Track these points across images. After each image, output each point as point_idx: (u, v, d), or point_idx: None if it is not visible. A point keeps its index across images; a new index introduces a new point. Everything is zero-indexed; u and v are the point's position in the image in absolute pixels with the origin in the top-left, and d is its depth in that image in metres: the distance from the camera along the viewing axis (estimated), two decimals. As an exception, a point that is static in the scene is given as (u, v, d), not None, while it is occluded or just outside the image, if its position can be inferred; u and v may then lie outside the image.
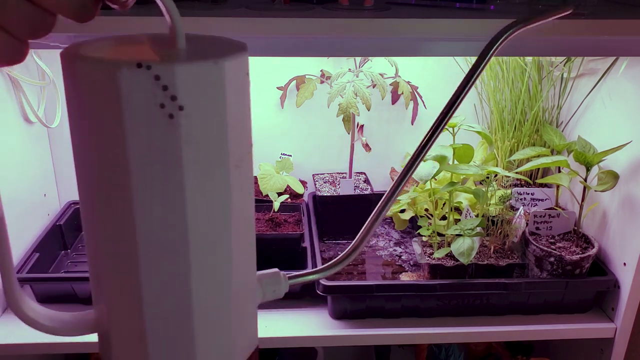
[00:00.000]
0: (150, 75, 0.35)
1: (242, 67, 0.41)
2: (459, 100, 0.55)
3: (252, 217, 0.47)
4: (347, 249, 0.61)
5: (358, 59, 1.26)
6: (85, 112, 0.37)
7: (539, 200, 1.25)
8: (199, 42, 0.42)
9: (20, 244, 1.17)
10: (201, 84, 0.37)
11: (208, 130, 0.39)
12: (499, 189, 1.14)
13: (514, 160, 1.26)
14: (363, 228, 0.59)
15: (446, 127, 1.18)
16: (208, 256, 0.42)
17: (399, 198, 1.21)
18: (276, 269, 0.58)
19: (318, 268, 0.60)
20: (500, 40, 0.55)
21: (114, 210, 0.39)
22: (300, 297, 1.14)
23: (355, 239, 0.58)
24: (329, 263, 0.60)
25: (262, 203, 1.25)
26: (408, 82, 1.28)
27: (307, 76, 1.29)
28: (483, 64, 0.54)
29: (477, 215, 1.11)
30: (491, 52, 0.54)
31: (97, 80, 0.36)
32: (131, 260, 0.39)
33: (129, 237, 0.39)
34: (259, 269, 1.00)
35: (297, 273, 0.58)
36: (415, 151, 0.57)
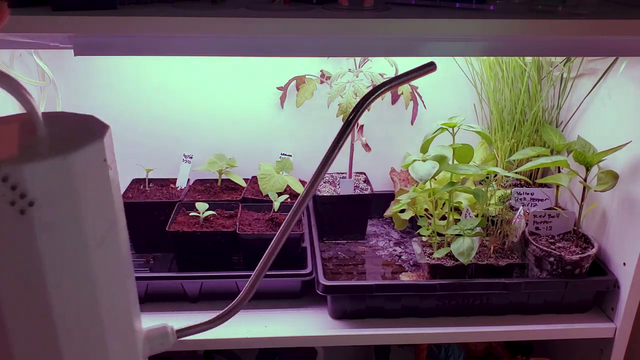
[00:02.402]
0: None
1: (98, 155, 0.42)
2: (333, 155, 0.58)
3: (127, 282, 0.49)
4: (240, 294, 0.63)
5: (358, 59, 1.26)
6: None
7: (539, 200, 1.25)
8: (60, 126, 0.43)
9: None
10: (50, 179, 0.38)
11: (62, 219, 0.40)
12: (498, 189, 1.14)
13: (514, 160, 1.26)
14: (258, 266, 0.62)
15: (446, 127, 1.18)
16: (78, 331, 0.44)
17: (399, 198, 1.21)
18: (164, 324, 0.60)
19: (209, 320, 0.63)
20: (368, 102, 0.57)
21: None
22: (300, 297, 1.14)
23: (250, 280, 0.61)
24: (221, 313, 0.63)
25: (262, 203, 1.25)
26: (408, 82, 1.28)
27: (307, 76, 1.29)
28: (352, 124, 0.57)
29: (476, 215, 1.11)
30: (359, 111, 0.57)
31: None
32: (2, 345, 0.41)
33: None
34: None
35: (187, 326, 0.62)
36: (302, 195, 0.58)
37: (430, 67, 0.57)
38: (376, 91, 0.55)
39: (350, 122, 0.55)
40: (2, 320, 0.40)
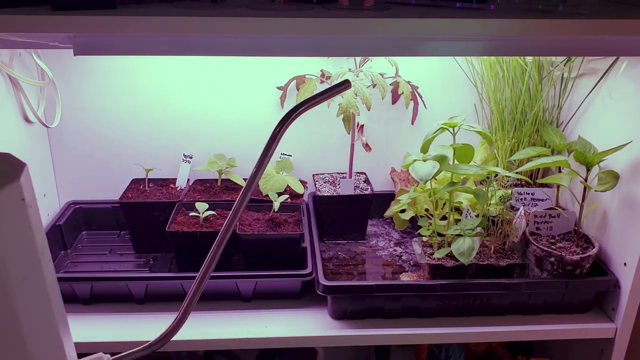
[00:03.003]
0: None
1: (15, 195, 0.41)
2: (263, 165, 0.59)
3: (55, 316, 0.48)
4: (172, 322, 0.63)
5: (358, 59, 1.26)
6: None
7: (539, 200, 1.25)
8: None
9: (20, 244, 1.17)
10: (8, 203, 0.38)
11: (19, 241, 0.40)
12: (499, 189, 1.14)
13: (514, 160, 1.26)
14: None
15: (447, 127, 1.18)
16: None
17: (399, 198, 1.21)
18: (100, 353, 0.60)
19: (145, 345, 0.62)
20: (292, 117, 0.59)
21: None
22: (301, 297, 1.14)
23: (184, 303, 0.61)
24: (157, 338, 0.62)
25: (262, 203, 1.24)
26: (408, 82, 1.28)
27: (307, 76, 1.28)
28: (277, 138, 0.59)
29: (477, 216, 1.11)
30: (283, 127, 0.59)
31: None
32: None
33: None
34: (260, 268, 1.01)
35: (123, 354, 0.61)
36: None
37: (345, 85, 0.60)
38: (298, 108, 0.58)
39: (275, 136, 0.58)
40: None
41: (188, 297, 0.64)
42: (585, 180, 1.07)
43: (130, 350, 0.59)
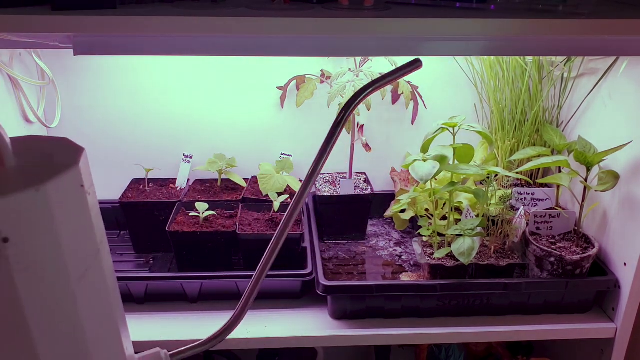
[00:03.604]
0: None
1: (74, 182, 0.39)
2: (327, 151, 0.59)
3: (114, 310, 0.47)
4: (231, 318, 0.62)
5: (358, 59, 1.26)
6: None
7: (540, 200, 1.25)
8: (30, 154, 0.40)
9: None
10: (23, 212, 0.36)
11: (40, 255, 0.37)
12: (499, 189, 1.14)
13: (515, 160, 1.26)
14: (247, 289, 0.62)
15: (447, 127, 1.18)
16: None
17: (399, 198, 1.21)
18: (157, 349, 0.59)
19: (204, 340, 0.62)
20: (358, 100, 0.58)
21: None
22: (301, 297, 1.14)
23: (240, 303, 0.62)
24: (215, 333, 0.63)
25: (262, 203, 1.24)
26: (408, 82, 1.28)
27: (307, 76, 1.28)
28: (343, 122, 0.58)
29: (477, 216, 1.11)
30: (350, 110, 0.58)
31: None
32: None
33: None
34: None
35: (181, 349, 0.60)
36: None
37: (416, 64, 0.57)
38: (365, 90, 0.56)
39: (340, 122, 0.57)
40: None
41: (245, 296, 0.64)
42: (585, 180, 1.07)
43: (188, 346, 0.59)
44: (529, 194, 1.26)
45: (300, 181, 1.31)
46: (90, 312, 0.43)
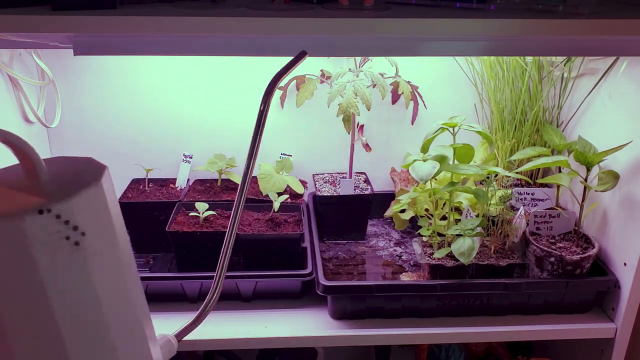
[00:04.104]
0: (51, 217, 0.39)
1: (110, 181, 0.47)
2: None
3: (139, 292, 0.53)
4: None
5: (358, 59, 1.26)
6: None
7: (540, 200, 1.25)
8: (53, 169, 0.46)
9: (20, 244, 1.16)
10: (92, 206, 0.43)
11: (107, 243, 0.45)
12: (499, 189, 1.14)
13: (515, 160, 1.26)
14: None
15: (447, 127, 1.18)
16: (127, 338, 0.49)
17: (399, 198, 1.21)
18: (164, 335, 0.67)
19: (197, 315, 0.70)
20: (272, 89, 0.63)
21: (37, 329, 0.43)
22: (301, 297, 1.14)
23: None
24: (203, 306, 0.72)
25: (262, 203, 1.24)
26: (408, 82, 1.28)
27: (307, 76, 1.28)
28: (266, 110, 0.62)
29: (477, 215, 1.11)
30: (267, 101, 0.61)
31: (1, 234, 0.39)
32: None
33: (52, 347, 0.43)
34: (258, 268, 1.01)
35: (182, 328, 0.70)
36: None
37: (303, 56, 0.63)
38: (275, 82, 0.62)
39: (262, 115, 0.61)
40: (62, 344, 0.43)
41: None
42: (585, 180, 1.07)
43: (185, 325, 0.69)
44: (528, 194, 1.26)
45: (301, 181, 1.31)
46: (134, 292, 0.50)
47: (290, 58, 1.30)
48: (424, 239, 1.14)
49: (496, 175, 1.15)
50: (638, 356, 1.13)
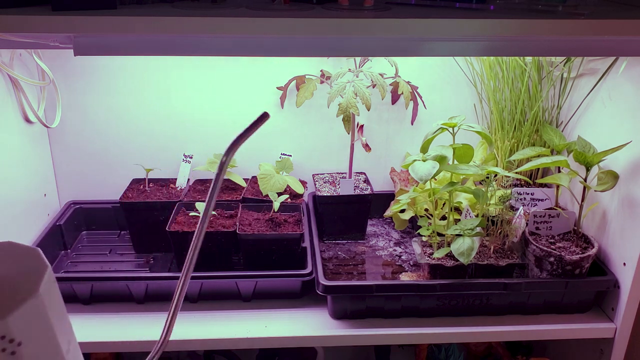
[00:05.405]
0: None
1: (50, 277, 0.46)
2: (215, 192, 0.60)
3: None
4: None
5: (358, 59, 1.26)
6: None
7: (539, 200, 1.25)
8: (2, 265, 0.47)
9: (20, 244, 1.17)
10: (30, 319, 0.43)
11: (43, 347, 0.44)
12: (498, 189, 1.14)
13: (514, 160, 1.26)
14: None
15: (446, 127, 1.18)
16: None
17: (399, 198, 1.21)
18: None
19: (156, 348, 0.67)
20: (230, 154, 0.61)
21: None
22: (301, 297, 1.14)
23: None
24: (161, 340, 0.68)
25: (262, 203, 1.25)
26: (408, 82, 1.28)
27: (307, 76, 1.29)
28: (224, 170, 0.61)
29: (477, 215, 1.11)
30: (229, 155, 0.60)
31: None
32: None
33: None
34: (258, 268, 1.01)
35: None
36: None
37: (265, 118, 0.63)
38: (236, 143, 0.61)
39: (222, 167, 0.60)
40: None
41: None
42: (585, 180, 1.07)
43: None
44: (528, 194, 1.26)
45: (301, 181, 1.31)
46: None
47: (290, 58, 1.30)
48: (424, 238, 1.14)
49: (496, 175, 1.15)
50: (638, 356, 1.13)
